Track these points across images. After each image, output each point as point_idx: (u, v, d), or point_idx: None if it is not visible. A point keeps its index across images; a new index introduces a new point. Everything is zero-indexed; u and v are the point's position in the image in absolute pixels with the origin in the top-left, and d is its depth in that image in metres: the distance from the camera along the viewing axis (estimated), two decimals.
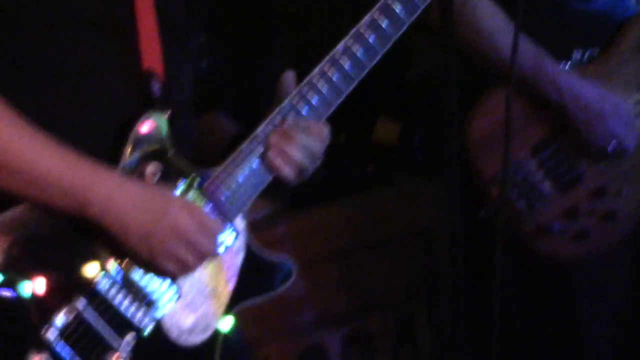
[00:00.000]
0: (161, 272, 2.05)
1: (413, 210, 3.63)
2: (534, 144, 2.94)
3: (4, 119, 1.98)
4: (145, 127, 2.08)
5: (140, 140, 2.08)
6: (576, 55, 2.97)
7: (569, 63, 2.97)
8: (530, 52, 2.87)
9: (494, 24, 2.89)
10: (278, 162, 2.12)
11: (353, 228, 3.52)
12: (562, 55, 2.95)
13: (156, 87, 2.12)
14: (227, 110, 2.50)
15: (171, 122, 2.10)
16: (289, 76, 2.21)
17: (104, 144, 2.07)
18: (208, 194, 2.10)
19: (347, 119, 2.51)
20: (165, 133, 2.10)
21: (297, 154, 2.13)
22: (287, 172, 2.13)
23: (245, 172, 2.13)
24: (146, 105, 2.09)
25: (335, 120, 2.27)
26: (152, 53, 2.14)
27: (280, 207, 3.39)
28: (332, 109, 2.19)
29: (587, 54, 2.98)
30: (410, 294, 3.67)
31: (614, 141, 2.92)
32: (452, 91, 2.07)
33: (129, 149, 2.05)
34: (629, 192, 2.97)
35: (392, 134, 3.42)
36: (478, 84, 2.98)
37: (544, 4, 2.94)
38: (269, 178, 2.15)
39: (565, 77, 2.90)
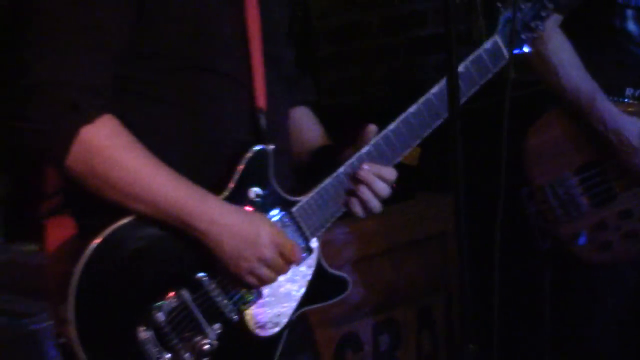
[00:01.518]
0: (244, 284, 2.17)
1: (431, 220, 3.76)
2: (580, 164, 3.07)
3: (133, 149, 2.10)
4: (252, 157, 2.20)
5: (247, 168, 2.19)
6: (628, 92, 3.07)
7: (621, 99, 3.06)
8: (587, 87, 3.01)
9: (561, 58, 3.03)
10: (355, 205, 2.27)
11: (382, 235, 3.65)
12: (616, 90, 3.07)
13: (264, 122, 2.22)
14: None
15: (275, 153, 2.21)
16: (371, 128, 2.30)
17: (218, 170, 2.18)
18: (295, 218, 2.24)
19: None
20: (268, 163, 2.21)
21: (370, 199, 2.27)
22: (360, 211, 2.28)
23: (325, 204, 2.26)
24: (255, 139, 2.20)
25: None
26: (261, 92, 2.23)
27: None
28: (400, 158, 2.33)
29: (637, 92, 3.06)
30: (430, 289, 3.80)
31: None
32: (457, 112, 2.01)
33: (237, 176, 2.18)
34: None
35: (414, 156, 3.21)
36: (533, 104, 3.13)
37: (608, 45, 3.08)
38: (342, 211, 2.28)
39: (612, 114, 3.00)
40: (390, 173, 2.27)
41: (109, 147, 2.04)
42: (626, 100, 3.07)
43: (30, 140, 2.04)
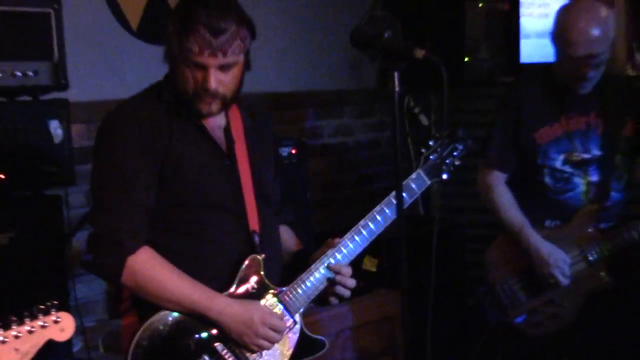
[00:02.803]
0: (250, 350, 2.56)
1: (384, 306, 4.35)
2: (519, 270, 3.62)
3: (162, 268, 2.47)
4: (247, 265, 2.57)
5: (245, 272, 2.56)
6: (547, 223, 3.61)
7: (542, 227, 3.57)
8: (518, 220, 3.55)
9: (500, 201, 3.59)
10: (331, 298, 2.67)
11: (353, 316, 4.24)
12: (539, 222, 3.60)
13: (257, 239, 2.57)
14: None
15: (265, 259, 2.58)
16: (335, 240, 2.65)
17: (224, 276, 2.56)
18: (282, 301, 2.62)
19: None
20: (261, 266, 2.58)
21: (341, 291, 2.66)
22: (334, 301, 2.70)
23: (302, 290, 2.63)
24: (250, 251, 2.57)
25: None
26: (253, 217, 2.57)
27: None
28: (354, 257, 2.64)
29: (554, 223, 3.59)
30: (383, 352, 4.39)
31: (551, 279, 3.48)
32: (403, 224, 2.28)
33: (238, 278, 2.57)
34: (568, 303, 3.60)
35: (374, 265, 4.01)
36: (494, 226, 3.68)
37: (534, 192, 3.56)
38: (316, 294, 2.64)
39: (532, 238, 3.52)
40: (348, 271, 2.67)
41: (146, 269, 2.46)
42: (545, 228, 3.60)
43: (99, 271, 2.51)
